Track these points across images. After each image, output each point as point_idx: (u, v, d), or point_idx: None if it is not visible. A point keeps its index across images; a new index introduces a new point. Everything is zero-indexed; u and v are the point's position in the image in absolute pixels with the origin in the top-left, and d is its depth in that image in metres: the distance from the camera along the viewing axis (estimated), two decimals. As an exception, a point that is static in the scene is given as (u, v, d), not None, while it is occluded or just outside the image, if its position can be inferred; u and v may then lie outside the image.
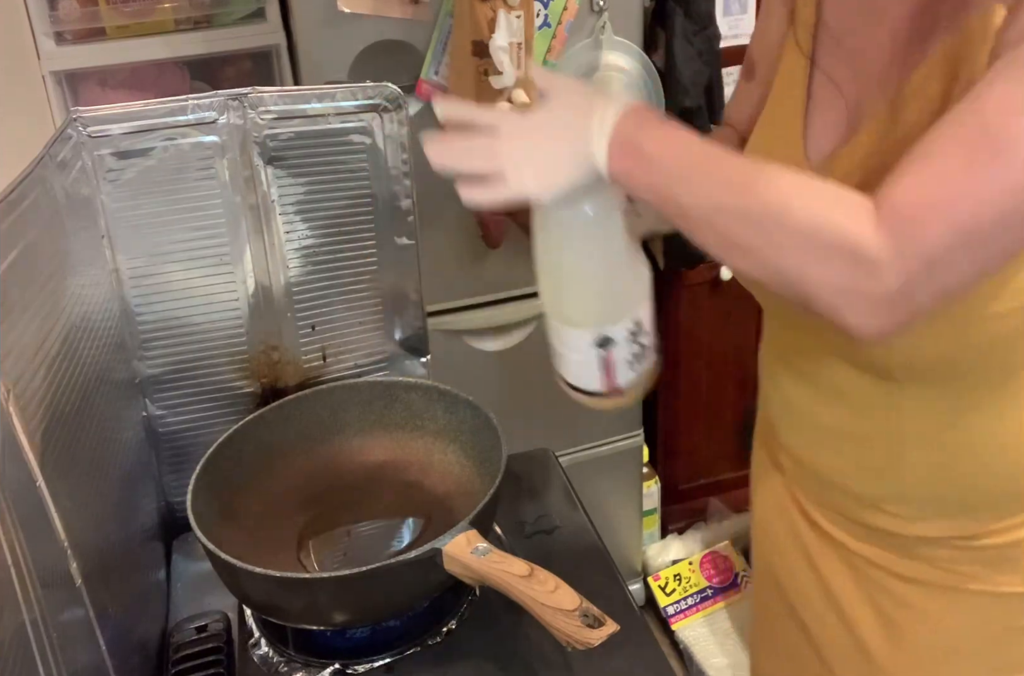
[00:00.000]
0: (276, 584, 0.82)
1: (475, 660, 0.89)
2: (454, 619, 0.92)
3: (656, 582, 2.06)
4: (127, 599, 0.89)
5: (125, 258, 1.00)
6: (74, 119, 0.94)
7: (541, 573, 0.78)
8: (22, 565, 0.62)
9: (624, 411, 1.91)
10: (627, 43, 1.58)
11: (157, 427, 1.08)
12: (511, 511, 1.05)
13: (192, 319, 1.04)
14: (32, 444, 0.68)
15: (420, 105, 1.48)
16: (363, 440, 1.07)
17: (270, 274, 1.05)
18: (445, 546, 0.81)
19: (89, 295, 0.91)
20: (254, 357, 1.08)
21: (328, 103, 1.01)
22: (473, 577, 0.81)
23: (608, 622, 0.75)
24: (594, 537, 1.04)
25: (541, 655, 0.87)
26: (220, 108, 0.98)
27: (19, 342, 0.70)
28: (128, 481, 0.97)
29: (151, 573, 1.02)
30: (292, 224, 1.04)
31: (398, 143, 1.04)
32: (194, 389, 1.07)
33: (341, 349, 1.12)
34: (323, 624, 0.88)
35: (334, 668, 0.88)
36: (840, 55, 0.79)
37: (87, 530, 0.78)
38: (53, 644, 0.64)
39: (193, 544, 0.98)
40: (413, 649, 0.90)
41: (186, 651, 0.91)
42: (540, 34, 1.50)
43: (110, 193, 0.97)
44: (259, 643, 0.93)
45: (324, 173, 1.03)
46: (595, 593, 0.78)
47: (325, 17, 1.38)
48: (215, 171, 1.00)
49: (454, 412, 1.03)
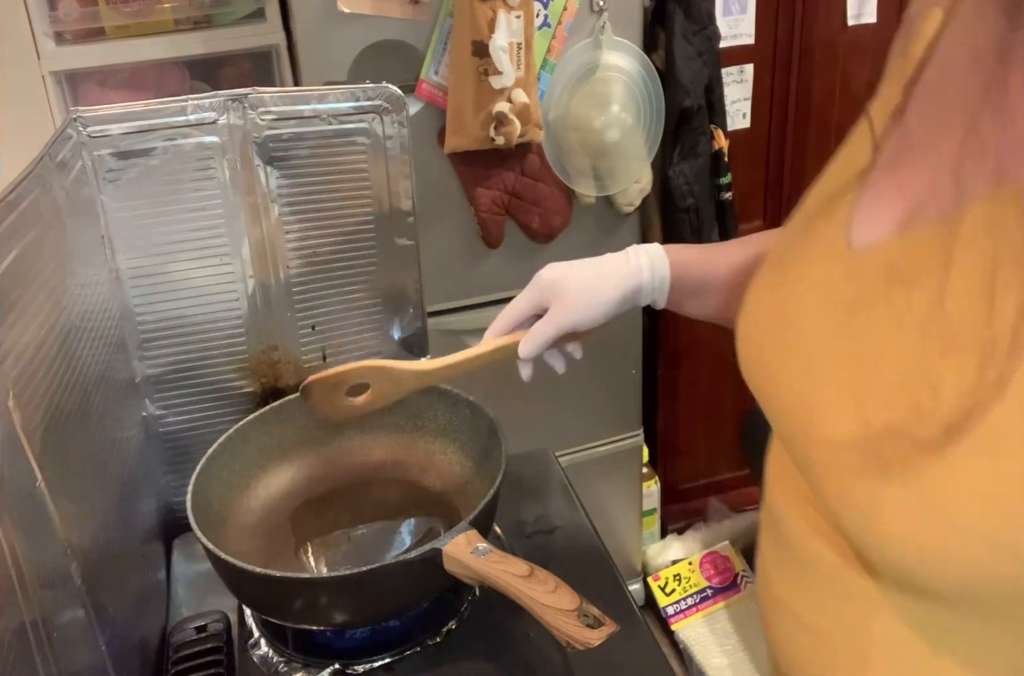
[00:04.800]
0: (276, 584, 0.82)
1: (475, 660, 0.89)
2: (454, 619, 0.92)
3: (656, 582, 2.06)
4: (127, 599, 0.89)
5: (125, 258, 1.00)
6: (74, 119, 0.94)
7: (541, 573, 0.78)
8: (22, 565, 0.62)
9: (624, 411, 1.91)
10: (627, 43, 1.58)
11: (157, 427, 1.08)
12: (511, 511, 1.05)
13: (192, 319, 1.04)
14: (32, 444, 0.68)
15: (420, 105, 1.48)
16: (363, 440, 1.07)
17: (270, 274, 1.05)
18: (445, 546, 0.81)
19: (89, 295, 0.91)
20: (254, 357, 1.08)
21: (328, 104, 1.01)
22: (473, 577, 0.81)
23: (608, 622, 0.75)
24: (594, 537, 1.04)
25: (541, 655, 0.87)
26: (220, 108, 0.98)
27: (19, 342, 0.70)
28: (128, 481, 0.97)
29: (151, 573, 1.02)
30: (291, 224, 1.04)
31: (398, 144, 1.04)
32: (194, 389, 1.07)
33: (341, 349, 1.12)
34: (323, 624, 0.88)
35: (334, 668, 0.88)
36: (923, 133, 0.59)
37: (87, 530, 0.78)
38: (53, 644, 0.64)
39: (193, 544, 0.98)
40: (413, 649, 0.90)
41: (186, 651, 0.91)
42: (540, 34, 1.50)
43: (110, 193, 0.97)
44: (259, 643, 0.93)
45: (324, 174, 1.03)
46: (595, 593, 0.78)
47: (325, 17, 1.38)
48: (215, 171, 1.00)
49: (454, 412, 1.03)
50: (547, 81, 1.55)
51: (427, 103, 1.49)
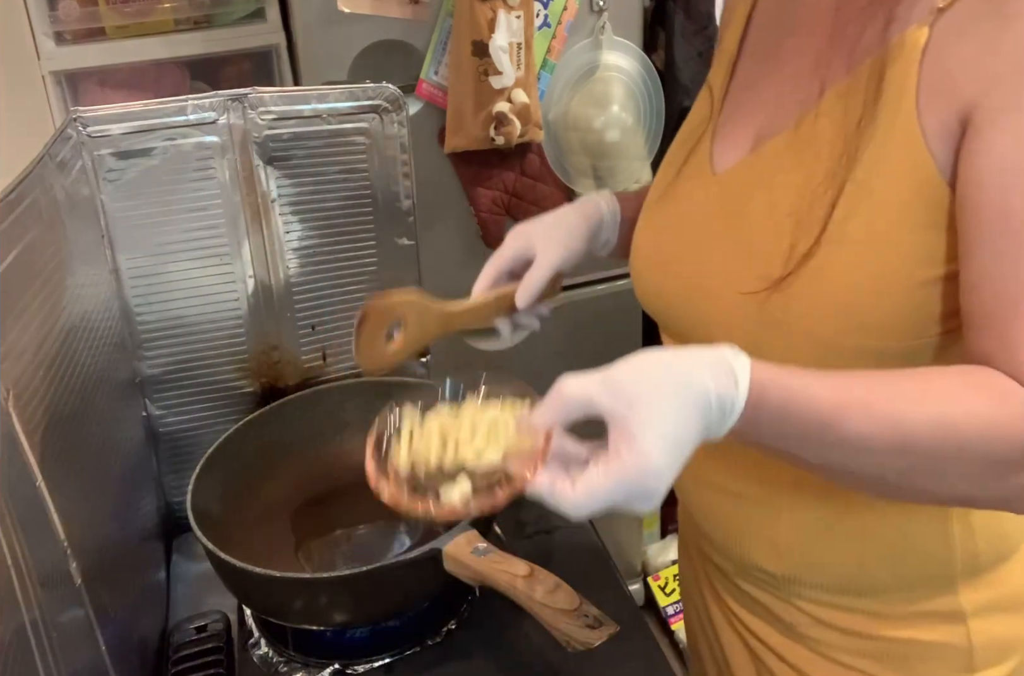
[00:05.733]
0: (276, 584, 0.82)
1: (475, 660, 0.89)
2: (454, 619, 0.92)
3: (656, 582, 2.06)
4: (127, 599, 0.89)
5: (125, 258, 1.00)
6: (74, 119, 0.94)
7: (541, 573, 0.78)
8: (22, 565, 0.62)
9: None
10: (627, 43, 1.58)
11: (157, 427, 1.08)
12: (511, 511, 1.04)
13: (192, 319, 1.04)
14: (32, 444, 0.67)
15: (420, 105, 1.48)
16: (363, 440, 1.07)
17: (270, 274, 1.05)
18: (445, 546, 0.81)
19: (89, 295, 0.91)
20: (254, 357, 1.08)
21: (328, 104, 1.01)
22: (473, 577, 0.81)
23: (608, 622, 0.75)
24: (594, 537, 1.04)
25: (541, 655, 0.87)
26: (220, 108, 0.98)
27: (19, 342, 0.70)
28: (128, 481, 0.97)
29: (151, 573, 1.02)
30: (292, 224, 1.04)
31: (398, 143, 1.04)
32: (194, 389, 1.07)
33: (341, 349, 1.12)
34: (323, 624, 0.88)
35: (334, 668, 0.88)
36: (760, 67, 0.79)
37: (87, 530, 0.77)
38: (53, 644, 0.64)
39: (193, 544, 0.98)
40: (413, 649, 0.90)
41: (186, 651, 0.91)
42: (540, 34, 1.50)
43: (110, 193, 0.97)
44: (259, 643, 0.93)
45: (324, 173, 1.03)
46: (595, 593, 0.78)
47: (325, 17, 1.38)
48: (215, 171, 1.00)
49: (454, 412, 1.03)
50: (547, 81, 1.55)
51: (427, 103, 1.49)
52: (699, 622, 0.97)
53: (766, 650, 0.86)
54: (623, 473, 0.55)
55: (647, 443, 0.55)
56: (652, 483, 0.56)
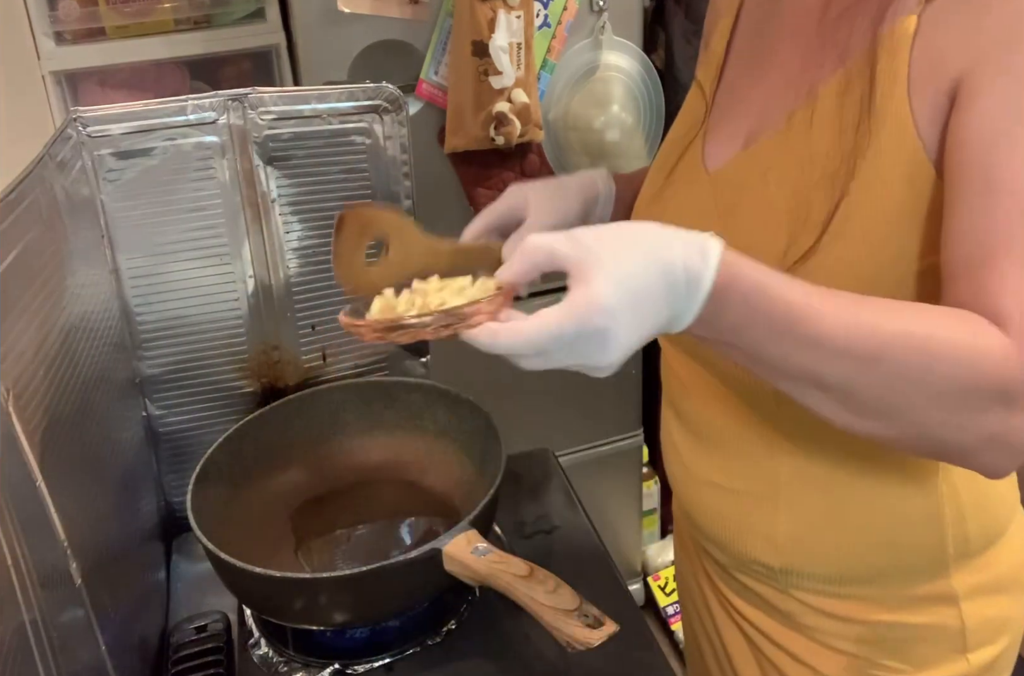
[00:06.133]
0: (276, 584, 0.82)
1: (475, 660, 0.89)
2: (454, 619, 0.92)
3: (656, 582, 2.06)
4: (127, 599, 0.89)
5: (125, 258, 1.00)
6: (74, 119, 0.94)
7: (541, 573, 0.78)
8: (22, 565, 0.62)
9: (624, 411, 1.91)
10: (627, 43, 1.58)
11: (157, 427, 1.08)
12: (511, 511, 1.05)
13: (192, 319, 1.04)
14: (32, 444, 0.68)
15: (420, 105, 1.48)
16: (363, 440, 1.07)
17: (270, 274, 1.05)
18: (445, 546, 0.81)
19: (89, 295, 0.91)
20: (254, 357, 1.08)
21: (328, 104, 1.01)
22: (473, 577, 0.81)
23: (608, 622, 0.75)
24: (594, 537, 1.04)
25: (541, 655, 0.87)
26: (220, 108, 0.98)
27: (19, 342, 0.70)
28: (128, 481, 0.97)
29: (151, 573, 1.02)
30: (292, 224, 1.04)
31: (398, 144, 1.04)
32: (194, 389, 1.07)
33: (341, 349, 1.12)
34: (323, 624, 0.88)
35: (334, 668, 0.88)
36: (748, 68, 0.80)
37: (87, 530, 0.77)
38: (53, 644, 0.64)
39: (193, 544, 0.98)
40: (413, 649, 0.90)
41: (186, 651, 0.90)
42: (540, 34, 1.50)
43: (110, 193, 0.97)
44: (259, 643, 0.93)
45: (324, 173, 1.03)
46: (595, 593, 0.78)
47: (325, 17, 1.38)
48: (215, 171, 1.00)
49: (454, 412, 1.03)
50: (547, 81, 1.55)
51: (427, 103, 1.49)
52: (698, 616, 0.98)
53: (765, 640, 0.87)
54: (572, 305, 0.55)
55: (599, 284, 0.55)
56: (600, 320, 0.55)
